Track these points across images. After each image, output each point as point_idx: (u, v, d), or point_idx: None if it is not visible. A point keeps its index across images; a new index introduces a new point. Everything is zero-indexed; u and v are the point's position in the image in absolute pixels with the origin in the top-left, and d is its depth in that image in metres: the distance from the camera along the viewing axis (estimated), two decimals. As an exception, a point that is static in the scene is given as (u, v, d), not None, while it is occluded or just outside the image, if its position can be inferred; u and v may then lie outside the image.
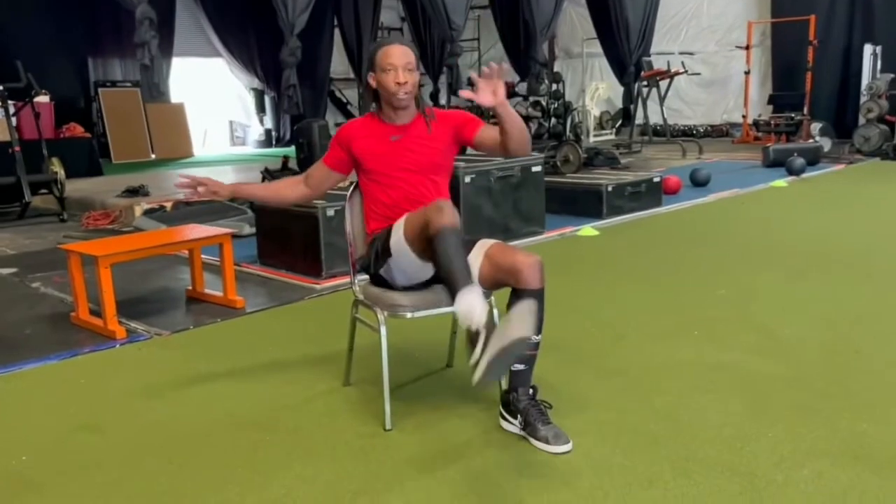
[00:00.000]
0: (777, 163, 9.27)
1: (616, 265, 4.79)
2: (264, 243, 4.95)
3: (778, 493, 2.05)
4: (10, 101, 7.42)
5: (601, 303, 3.95)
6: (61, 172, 7.13)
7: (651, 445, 2.34)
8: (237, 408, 2.74)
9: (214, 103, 15.52)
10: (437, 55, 14.57)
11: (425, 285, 2.54)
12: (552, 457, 2.30)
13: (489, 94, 2.28)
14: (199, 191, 2.60)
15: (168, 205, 6.76)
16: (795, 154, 9.04)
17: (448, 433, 2.48)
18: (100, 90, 12.83)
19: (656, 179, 6.70)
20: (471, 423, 2.54)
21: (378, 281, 2.62)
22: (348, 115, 15.77)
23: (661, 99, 11.55)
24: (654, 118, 12.01)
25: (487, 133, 2.58)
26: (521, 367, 2.42)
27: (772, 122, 11.66)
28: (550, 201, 6.10)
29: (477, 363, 2.07)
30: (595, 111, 12.34)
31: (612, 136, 14.31)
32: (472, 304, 2.15)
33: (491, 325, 2.14)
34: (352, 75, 14.72)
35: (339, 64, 14.94)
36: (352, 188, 2.79)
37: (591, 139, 11.44)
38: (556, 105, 12.30)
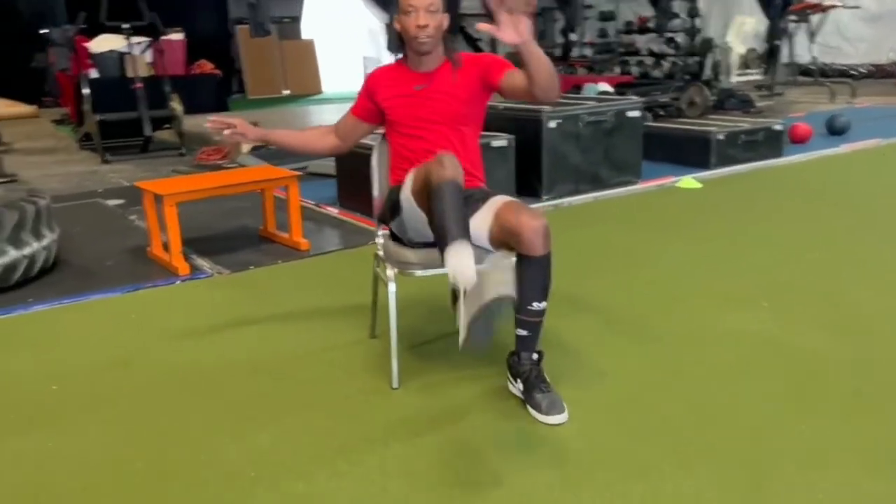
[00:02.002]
0: (939, 109, 8.22)
1: (706, 221, 4.42)
2: (343, 185, 4.96)
3: (786, 500, 1.80)
4: (141, 39, 7.79)
5: (671, 262, 3.65)
6: (179, 108, 7.45)
7: (660, 429, 2.13)
8: (259, 353, 2.76)
9: (347, 39, 15.68)
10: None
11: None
12: (548, 432, 2.14)
13: (511, 29, 1.97)
14: (226, 133, 2.56)
15: (274, 142, 6.92)
16: (962, 99, 7.96)
17: (452, 396, 2.37)
18: (237, 27, 13.29)
19: (777, 127, 6.08)
20: (480, 386, 2.42)
21: (394, 237, 2.53)
22: (479, 51, 15.47)
23: (812, 35, 10.48)
24: (806, 57, 10.95)
25: (514, 77, 2.31)
26: (524, 332, 2.26)
27: (943, 61, 10.33)
28: (654, 148, 5.74)
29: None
30: (740, 49, 11.37)
31: (760, 77, 13.18)
32: (461, 262, 1.95)
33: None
34: (483, 10, 14.37)
35: (470, -2, 14.60)
36: (379, 139, 2.69)
37: (734, 79, 10.58)
38: (692, 42, 11.49)
